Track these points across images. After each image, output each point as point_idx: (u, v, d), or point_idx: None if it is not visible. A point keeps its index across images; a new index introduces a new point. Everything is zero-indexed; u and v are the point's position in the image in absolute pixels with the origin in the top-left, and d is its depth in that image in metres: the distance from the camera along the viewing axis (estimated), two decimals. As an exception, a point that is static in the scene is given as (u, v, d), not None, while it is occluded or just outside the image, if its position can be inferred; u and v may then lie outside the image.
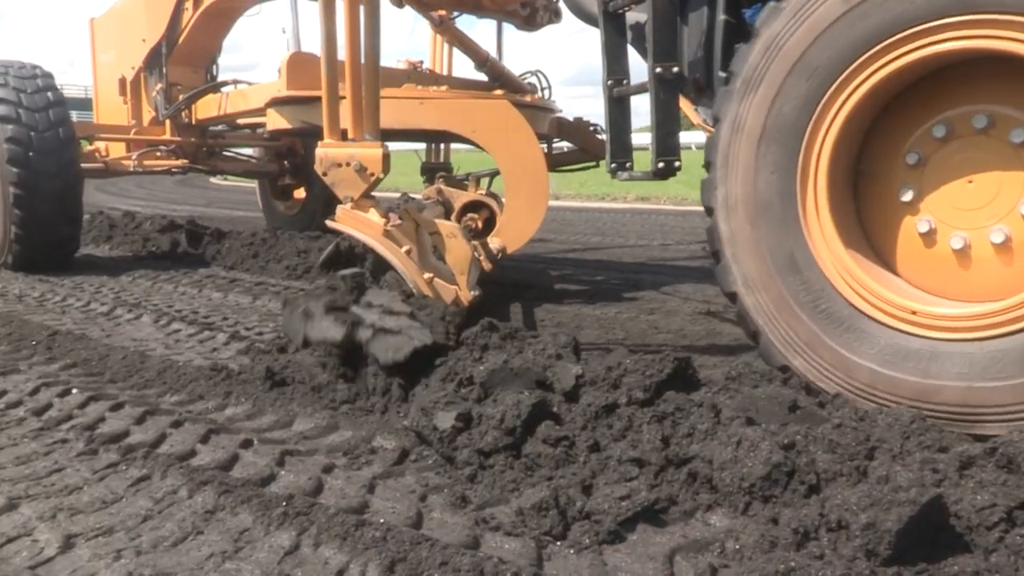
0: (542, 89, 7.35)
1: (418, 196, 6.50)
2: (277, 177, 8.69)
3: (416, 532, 2.30)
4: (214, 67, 8.44)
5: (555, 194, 18.85)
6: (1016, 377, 2.56)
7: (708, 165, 3.29)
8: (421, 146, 8.51)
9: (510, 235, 5.25)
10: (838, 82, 2.87)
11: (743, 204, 3.15)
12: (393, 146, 4.75)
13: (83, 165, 7.51)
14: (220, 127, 8.45)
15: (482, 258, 4.96)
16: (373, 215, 4.25)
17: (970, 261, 2.90)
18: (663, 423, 2.71)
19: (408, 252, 4.10)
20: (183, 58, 7.85)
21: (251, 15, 7.37)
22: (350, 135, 4.49)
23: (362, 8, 4.28)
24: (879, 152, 3.06)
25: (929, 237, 2.96)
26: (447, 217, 5.25)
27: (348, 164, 4.36)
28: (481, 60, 6.99)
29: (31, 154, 6.81)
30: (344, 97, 4.44)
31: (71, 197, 7.16)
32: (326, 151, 4.43)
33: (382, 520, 2.39)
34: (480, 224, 5.36)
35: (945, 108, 2.92)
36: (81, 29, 9.24)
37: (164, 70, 7.96)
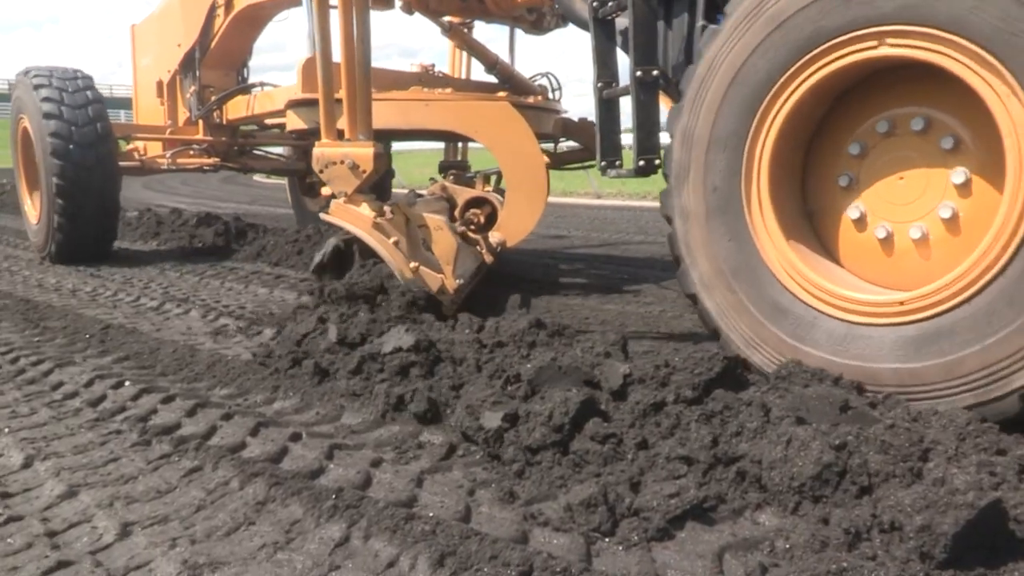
0: (553, 90, 7.48)
1: (425, 192, 6.76)
2: (305, 175, 8.97)
3: (465, 526, 2.32)
4: (245, 70, 8.76)
5: (597, 193, 18.82)
6: (935, 358, 2.81)
7: (666, 176, 3.54)
8: (442, 145, 8.64)
9: (510, 230, 5.49)
10: (772, 92, 3.18)
11: (696, 209, 3.42)
12: (416, 145, 5.07)
13: (121, 163, 8.00)
14: (250, 127, 8.75)
15: (484, 251, 5.24)
16: (364, 209, 4.57)
17: (892, 251, 3.18)
18: (712, 421, 2.70)
19: (396, 243, 4.46)
20: (215, 62, 8.20)
21: (279, 20, 7.65)
22: (346, 135, 4.82)
23: (354, 16, 4.59)
24: (826, 145, 3.34)
25: (860, 223, 3.24)
26: (451, 212, 5.56)
27: (342, 162, 4.75)
28: (490, 63, 7.20)
29: (72, 147, 7.23)
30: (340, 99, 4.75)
31: (109, 190, 7.59)
32: (322, 150, 4.82)
33: (431, 514, 2.40)
34: (482, 219, 5.64)
35: (893, 106, 3.16)
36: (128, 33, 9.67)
37: (197, 73, 8.31)
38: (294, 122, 6.01)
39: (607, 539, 2.27)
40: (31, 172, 8.13)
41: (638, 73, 3.78)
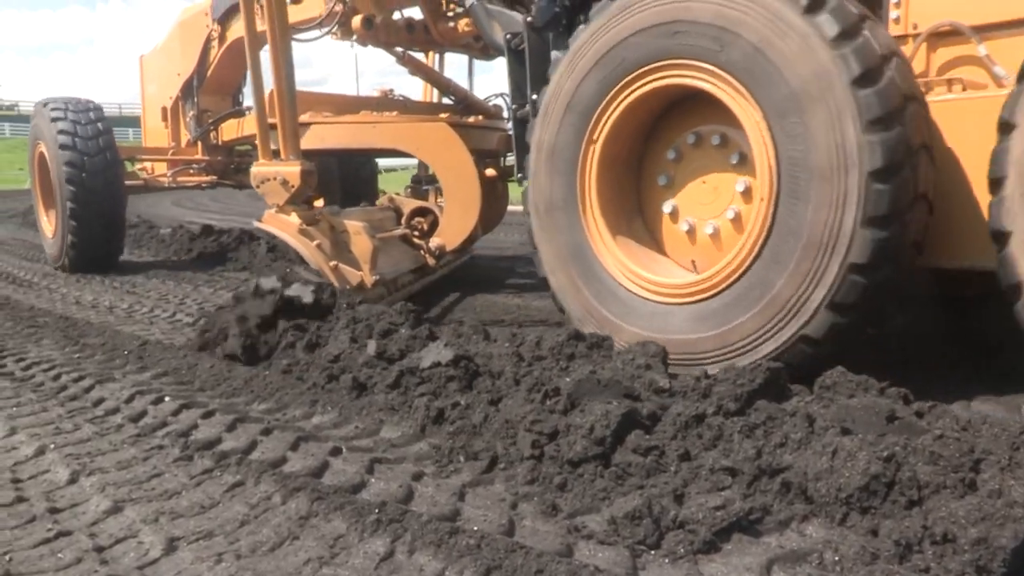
0: (509, 109, 7.65)
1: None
2: None
3: (509, 540, 2.31)
4: (239, 94, 9.46)
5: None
6: (713, 329, 3.56)
7: (524, 179, 4.33)
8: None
9: (448, 235, 6.12)
10: (597, 111, 3.94)
11: (543, 205, 4.19)
12: (401, 162, 6.08)
13: (127, 183, 8.91)
14: (245, 146, 9.30)
15: (427, 255, 6.05)
16: (293, 218, 5.41)
17: (694, 242, 3.96)
18: (755, 433, 2.67)
19: (318, 245, 5.25)
20: (212, 88, 8.92)
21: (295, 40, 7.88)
22: (281, 155, 5.58)
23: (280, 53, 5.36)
24: (655, 151, 4.10)
25: (673, 217, 4.01)
26: (398, 221, 6.33)
27: (275, 179, 5.51)
28: (444, 87, 7.88)
29: (84, 175, 8.14)
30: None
31: (115, 209, 8.45)
32: (258, 169, 5.64)
33: (475, 528, 2.40)
34: (426, 227, 6.30)
35: (702, 123, 3.89)
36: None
37: (196, 99, 9.13)
38: (272, 140, 6.45)
39: (652, 552, 2.25)
40: (47, 191, 8.94)
41: (513, 107, 4.70)
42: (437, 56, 8.04)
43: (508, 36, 5.01)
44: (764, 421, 2.71)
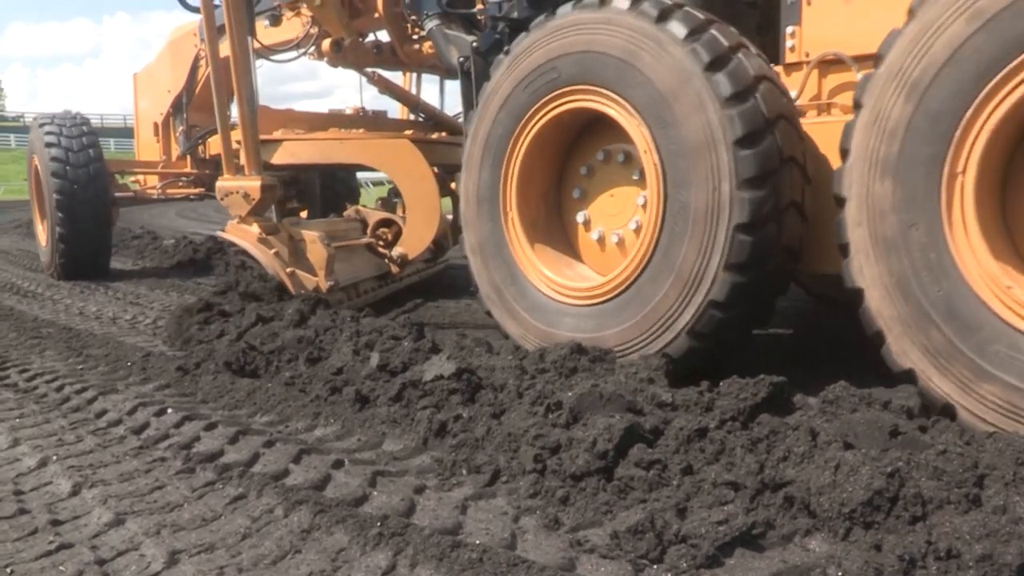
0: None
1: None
2: (284, 201, 9.80)
3: (511, 553, 2.30)
4: (227, 110, 9.58)
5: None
6: (612, 328, 3.89)
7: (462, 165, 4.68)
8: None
9: (409, 245, 6.39)
10: (524, 119, 4.27)
11: (472, 194, 4.55)
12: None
13: (117, 194, 9.44)
14: None
15: (391, 264, 6.41)
16: (253, 228, 5.84)
17: (604, 249, 4.29)
18: (757, 447, 2.67)
19: (276, 253, 5.74)
20: (200, 104, 9.22)
21: (272, 61, 8.31)
22: (245, 170, 6.02)
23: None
24: (572, 166, 4.46)
25: (585, 226, 4.36)
26: (364, 232, 6.69)
27: (237, 192, 5.94)
28: (413, 104, 8.30)
29: (73, 188, 8.64)
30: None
31: (101, 223, 8.96)
32: (222, 183, 6.09)
33: (477, 541, 2.39)
34: (390, 237, 6.61)
35: (609, 142, 4.23)
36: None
37: (185, 114, 9.59)
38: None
39: (655, 566, 2.24)
40: (41, 202, 9.39)
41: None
42: (414, 76, 8.38)
43: (461, 59, 5.33)
44: (767, 435, 2.71)
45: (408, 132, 7.20)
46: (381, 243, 6.57)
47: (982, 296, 2.87)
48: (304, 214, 9.62)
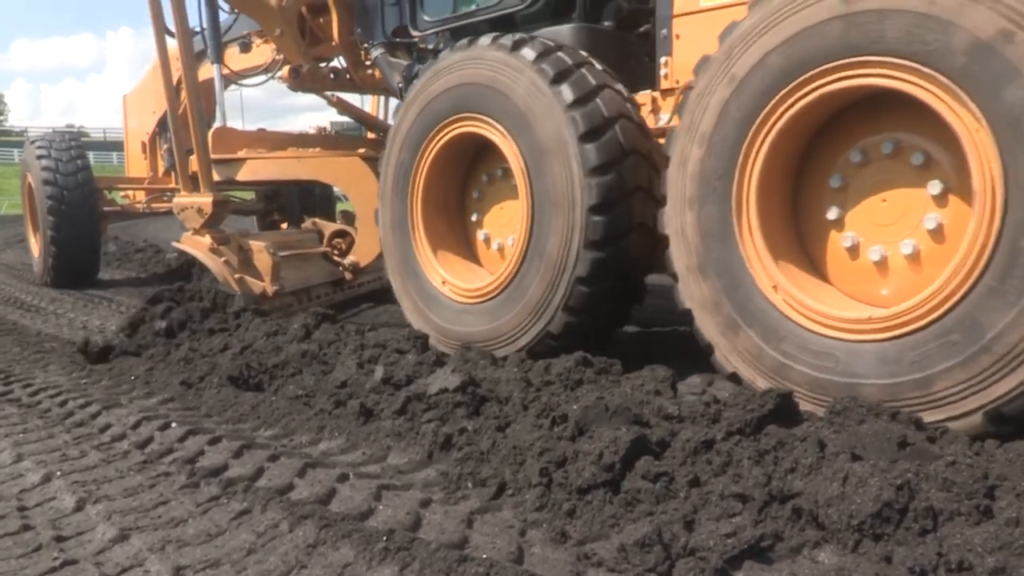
0: None
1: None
2: (266, 214, 10.44)
3: (518, 567, 2.29)
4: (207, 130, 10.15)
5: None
6: (505, 317, 4.50)
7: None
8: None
9: (361, 254, 6.93)
10: (429, 138, 4.92)
11: (389, 220, 5.22)
12: None
13: (105, 208, 10.08)
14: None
15: (344, 270, 7.01)
16: (206, 239, 6.48)
17: (504, 258, 4.83)
18: (765, 458, 2.65)
19: (225, 261, 6.34)
20: (183, 123, 9.75)
21: (233, 90, 8.83)
22: (201, 188, 6.68)
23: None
24: (471, 183, 5.17)
25: (486, 242, 5.02)
26: (320, 242, 7.25)
27: (192, 207, 6.64)
28: (371, 124, 8.83)
29: (63, 207, 9.31)
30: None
31: (90, 234, 9.66)
32: (179, 199, 6.85)
33: (484, 555, 2.38)
34: (344, 246, 7.21)
35: (501, 163, 4.80)
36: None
37: (170, 133, 9.72)
38: (217, 173, 7.50)
39: (664, 580, 2.22)
40: (34, 217, 10.08)
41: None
42: (382, 98, 8.96)
43: (399, 84, 6.09)
44: (774, 447, 2.69)
45: (361, 150, 7.56)
46: (336, 252, 7.12)
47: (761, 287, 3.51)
48: (284, 225, 10.18)
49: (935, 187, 3.22)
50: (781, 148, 3.51)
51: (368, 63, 7.17)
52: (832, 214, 3.52)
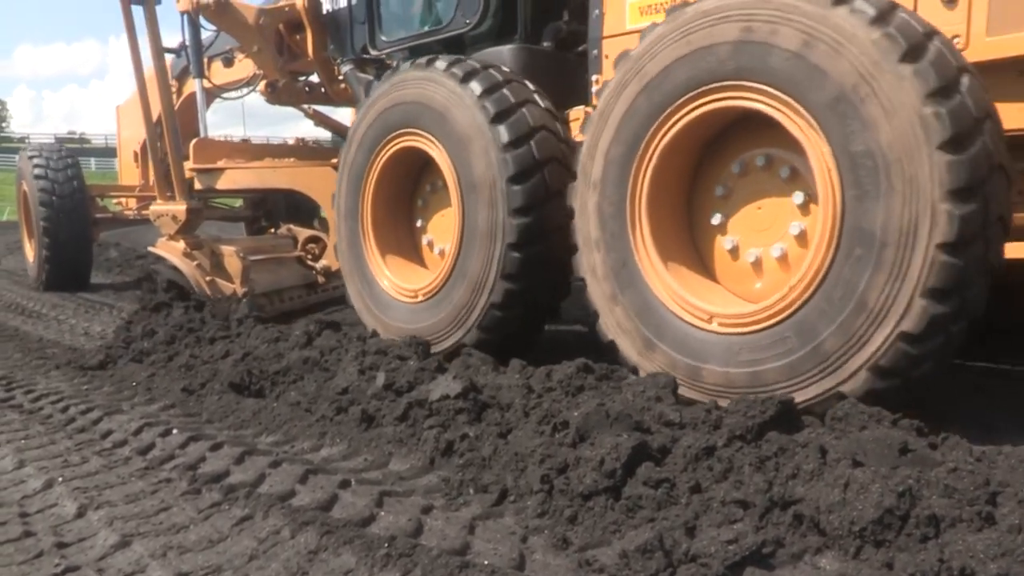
0: None
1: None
2: (254, 220, 10.78)
3: (520, 574, 2.29)
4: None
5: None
6: (427, 321, 4.89)
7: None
8: None
9: (332, 258, 6.96)
10: (377, 149, 5.23)
11: (340, 198, 5.56)
12: None
13: (98, 215, 10.56)
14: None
15: (317, 274, 7.40)
16: (179, 244, 6.89)
17: (424, 259, 5.41)
18: (766, 464, 2.65)
19: (198, 265, 6.78)
20: (160, 136, 10.02)
21: (221, 100, 9.16)
22: (176, 196, 7.14)
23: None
24: (421, 189, 5.47)
25: (429, 247, 5.37)
26: (295, 247, 7.59)
27: (167, 215, 7.06)
28: (345, 136, 8.86)
29: (55, 213, 9.75)
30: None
31: (82, 239, 10.14)
32: (155, 207, 7.29)
33: (485, 562, 2.38)
34: (317, 251, 7.54)
35: (434, 177, 5.21)
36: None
37: (159, 143, 10.21)
38: (198, 182, 7.94)
39: (666, 587, 2.22)
40: (29, 223, 10.56)
41: None
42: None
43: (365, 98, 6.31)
44: (775, 453, 2.69)
45: (334, 160, 7.78)
46: (310, 257, 7.49)
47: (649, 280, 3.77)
48: (273, 230, 10.47)
49: (799, 197, 3.50)
50: (668, 162, 3.80)
51: (341, 78, 7.50)
52: (716, 219, 3.79)
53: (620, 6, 4.56)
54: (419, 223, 5.44)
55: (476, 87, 4.58)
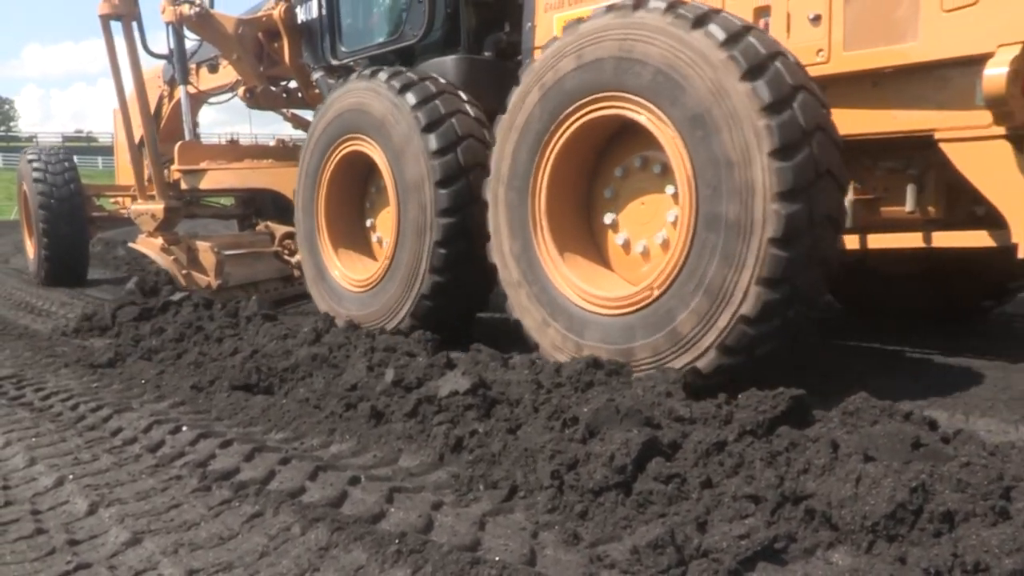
0: None
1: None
2: (245, 218, 10.90)
3: (531, 569, 2.29)
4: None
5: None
6: (369, 309, 5.48)
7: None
8: None
9: None
10: (329, 152, 5.80)
11: (303, 207, 6.11)
12: None
13: (93, 214, 11.18)
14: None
15: (294, 269, 7.62)
16: (158, 240, 7.59)
17: (377, 252, 5.89)
18: (777, 459, 2.64)
19: (174, 260, 7.46)
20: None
21: (211, 104, 9.69)
22: (156, 196, 7.92)
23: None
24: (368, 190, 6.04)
25: (378, 243, 5.88)
26: (272, 242, 7.94)
27: (147, 213, 7.81)
28: None
29: (53, 212, 10.35)
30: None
31: (79, 238, 10.77)
32: (135, 207, 8.16)
33: (496, 558, 2.37)
34: (293, 247, 7.57)
35: (379, 179, 5.66)
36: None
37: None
38: (184, 182, 8.35)
39: (677, 582, 2.21)
40: (29, 222, 11.14)
41: None
42: None
43: None
44: (787, 447, 2.68)
45: None
46: (286, 252, 7.80)
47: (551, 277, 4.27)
48: (260, 226, 10.74)
49: (671, 189, 3.98)
50: (564, 164, 4.30)
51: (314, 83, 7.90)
52: (608, 219, 4.31)
53: (549, 20, 5.04)
54: (369, 221, 5.98)
55: (411, 98, 5.09)
